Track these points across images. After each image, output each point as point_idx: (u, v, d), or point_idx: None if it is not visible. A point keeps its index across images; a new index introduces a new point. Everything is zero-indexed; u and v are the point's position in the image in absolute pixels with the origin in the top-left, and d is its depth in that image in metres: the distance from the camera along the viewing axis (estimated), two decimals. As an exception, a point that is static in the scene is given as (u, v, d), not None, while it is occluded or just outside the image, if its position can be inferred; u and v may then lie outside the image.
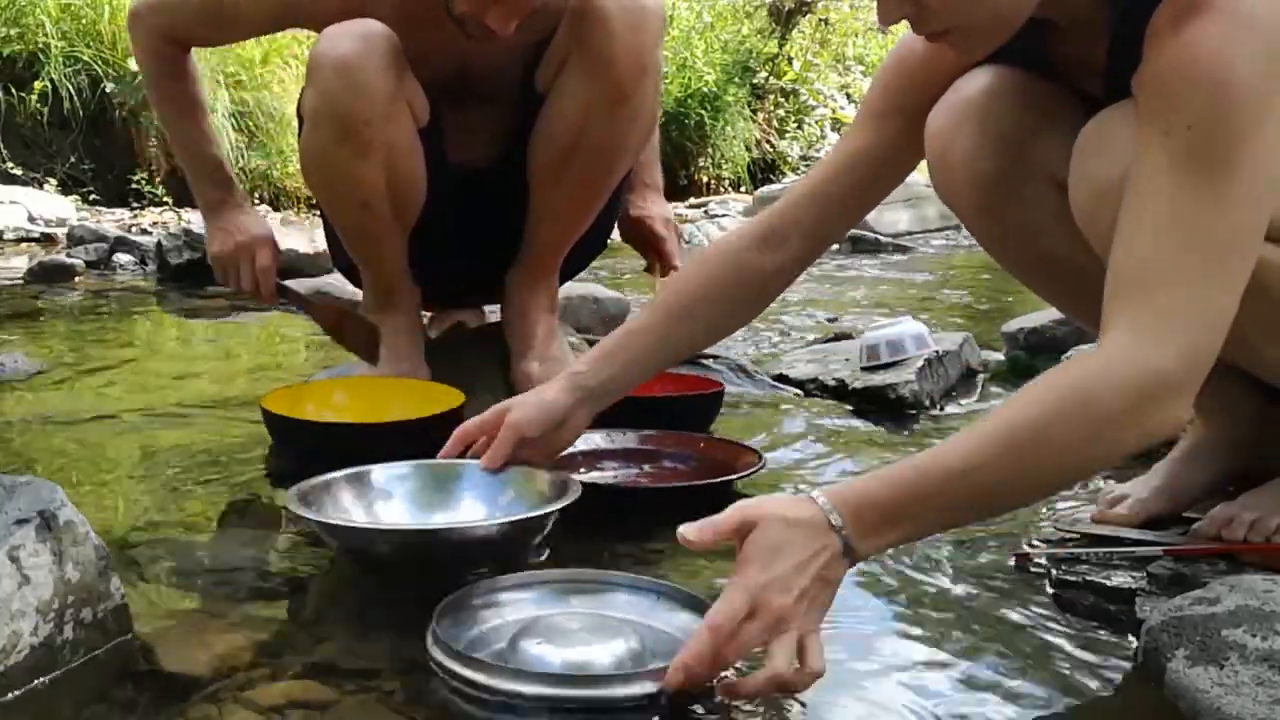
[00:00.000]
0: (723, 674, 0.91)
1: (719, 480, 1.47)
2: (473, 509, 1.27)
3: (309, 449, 1.55)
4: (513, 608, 1.06)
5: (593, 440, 1.59)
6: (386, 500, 1.28)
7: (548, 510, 1.19)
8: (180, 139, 1.94)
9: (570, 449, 1.50)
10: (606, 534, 1.32)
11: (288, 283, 2.02)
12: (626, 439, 1.62)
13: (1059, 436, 0.93)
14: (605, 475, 1.54)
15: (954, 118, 1.22)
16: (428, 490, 1.29)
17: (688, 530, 0.94)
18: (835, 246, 5.05)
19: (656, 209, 2.09)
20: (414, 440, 1.42)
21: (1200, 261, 0.94)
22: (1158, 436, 0.96)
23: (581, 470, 1.53)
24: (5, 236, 4.75)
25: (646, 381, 1.41)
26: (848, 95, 9.70)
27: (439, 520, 1.25)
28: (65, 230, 4.63)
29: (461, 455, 1.31)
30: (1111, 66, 1.09)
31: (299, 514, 1.15)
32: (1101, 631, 1.08)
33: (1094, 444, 0.94)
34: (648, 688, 0.89)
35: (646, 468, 1.58)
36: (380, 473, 1.29)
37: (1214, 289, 0.94)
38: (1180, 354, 0.93)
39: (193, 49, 1.89)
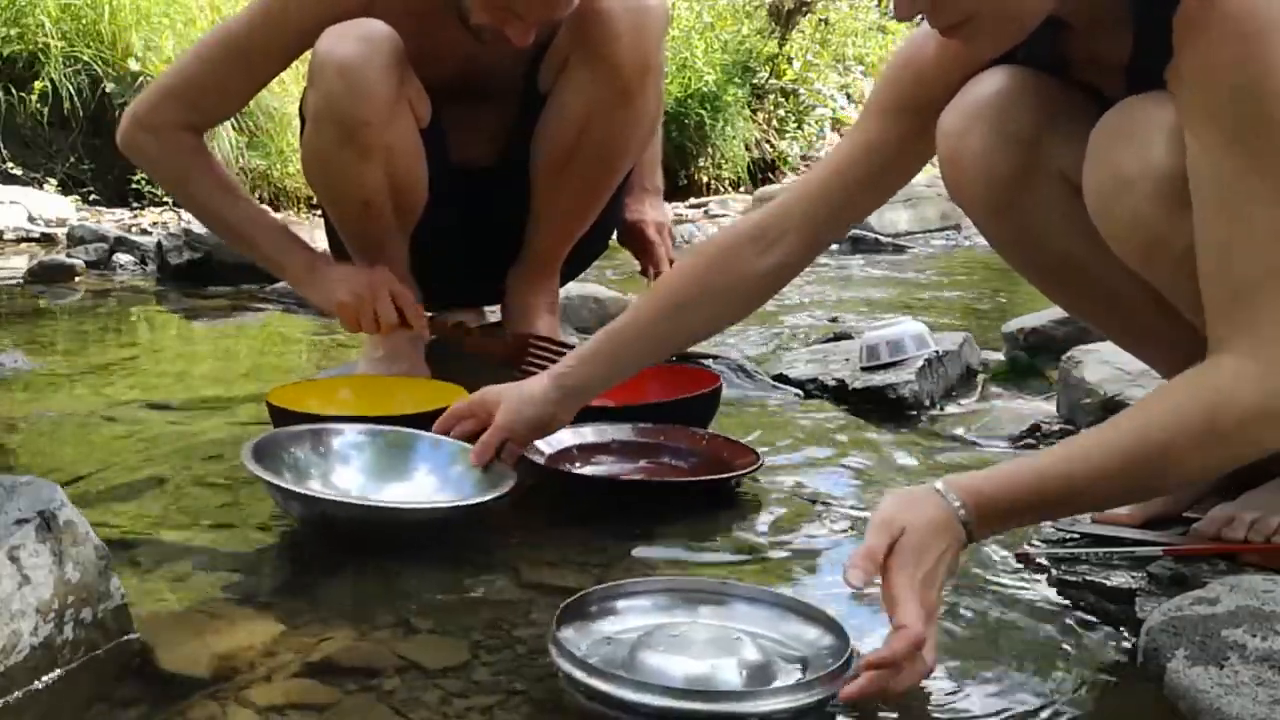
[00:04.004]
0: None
1: (718, 477, 1.47)
2: (424, 481, 1.37)
3: None
4: (632, 616, 1.04)
5: (588, 433, 1.59)
6: (344, 464, 1.38)
7: (487, 498, 1.27)
8: (238, 224, 1.77)
9: (569, 444, 1.51)
10: (603, 530, 1.32)
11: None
12: (626, 432, 1.62)
13: (1182, 455, 0.97)
14: (602, 470, 1.54)
15: (966, 118, 1.21)
16: (382, 458, 1.39)
17: (853, 579, 0.94)
18: (835, 246, 5.05)
19: (651, 213, 2.09)
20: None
21: None
22: (1272, 450, 1.01)
23: (577, 465, 1.53)
24: (5, 236, 4.75)
25: (640, 376, 1.42)
26: (848, 95, 9.69)
27: (390, 494, 1.36)
28: (65, 230, 4.62)
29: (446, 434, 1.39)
30: (1135, 61, 1.08)
31: (252, 470, 1.23)
32: (1101, 632, 1.08)
33: (1212, 460, 1.00)
34: (775, 704, 0.89)
35: (644, 462, 1.58)
36: (337, 438, 1.40)
37: None
38: None
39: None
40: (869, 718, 0.92)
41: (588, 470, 1.53)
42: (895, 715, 0.92)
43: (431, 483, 1.37)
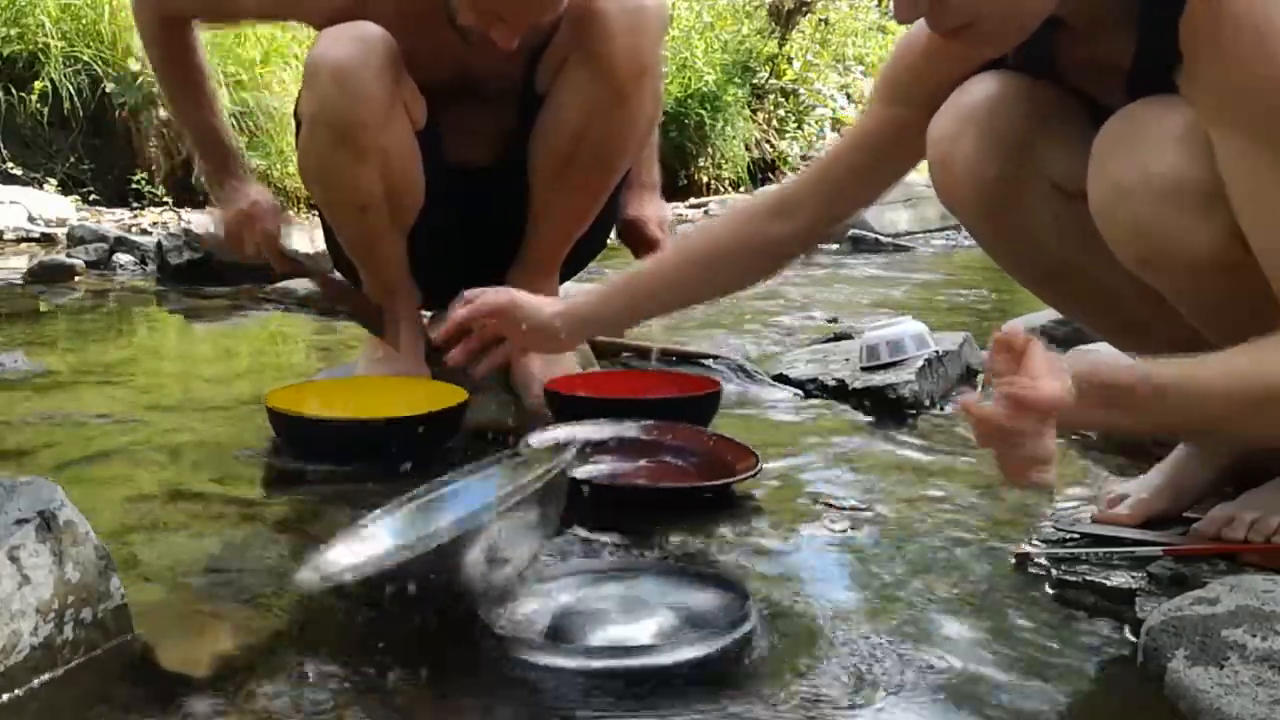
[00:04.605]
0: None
1: (718, 483, 1.47)
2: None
3: (316, 447, 1.57)
4: (554, 592, 1.11)
5: (590, 431, 1.59)
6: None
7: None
8: (183, 114, 1.95)
9: (570, 439, 1.51)
10: (603, 530, 1.32)
11: (296, 250, 2.03)
12: (628, 429, 1.62)
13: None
14: (603, 468, 1.54)
15: (956, 123, 1.22)
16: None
17: (988, 372, 0.91)
18: (835, 246, 5.05)
19: (651, 210, 2.09)
20: (417, 437, 1.43)
21: None
22: None
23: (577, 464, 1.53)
24: (5, 236, 4.75)
25: (641, 379, 1.42)
26: (848, 95, 9.69)
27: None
28: (65, 230, 4.62)
29: (456, 340, 1.45)
30: (1138, 62, 1.08)
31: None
32: (1101, 632, 1.08)
33: None
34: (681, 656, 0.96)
35: (644, 461, 1.58)
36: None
37: None
38: None
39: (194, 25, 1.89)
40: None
41: (587, 469, 1.53)
42: (892, 714, 0.92)
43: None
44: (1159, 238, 1.05)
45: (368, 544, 1.17)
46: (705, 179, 8.17)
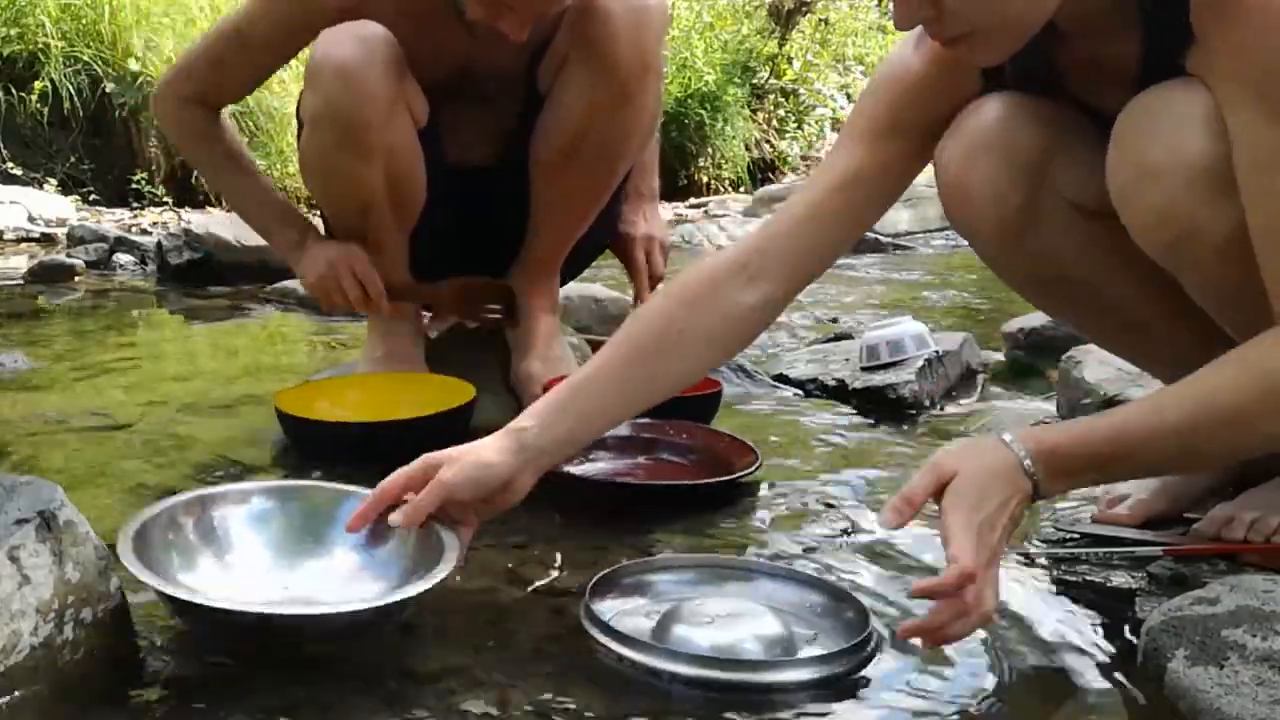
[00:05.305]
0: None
1: (715, 481, 1.47)
2: (344, 560, 1.10)
3: (329, 449, 1.57)
4: (662, 589, 1.12)
5: None
6: (245, 540, 1.11)
7: (411, 593, 1.00)
8: (240, 195, 1.89)
9: None
10: (603, 530, 1.32)
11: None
12: (623, 428, 1.61)
13: (1252, 419, 0.97)
14: (600, 466, 1.54)
15: (970, 148, 1.18)
16: (291, 534, 1.12)
17: (888, 519, 0.95)
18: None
19: (642, 228, 2.04)
20: (431, 436, 1.43)
21: None
22: None
23: (574, 462, 1.52)
24: (5, 236, 4.75)
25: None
26: (848, 95, 9.68)
27: (298, 580, 1.09)
28: (65, 230, 4.61)
29: (384, 515, 1.09)
30: (1146, 62, 1.07)
31: (132, 571, 0.97)
32: (1101, 632, 1.08)
33: (1277, 428, 0.98)
34: (800, 675, 0.95)
35: (642, 458, 1.57)
36: (236, 512, 1.12)
37: None
38: None
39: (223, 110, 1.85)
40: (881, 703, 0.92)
41: (585, 467, 1.53)
42: (892, 714, 0.92)
43: (351, 563, 1.10)
44: (1188, 220, 1.03)
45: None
46: (705, 179, 8.17)
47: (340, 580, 1.08)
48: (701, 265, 1.25)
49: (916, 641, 0.96)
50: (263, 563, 1.10)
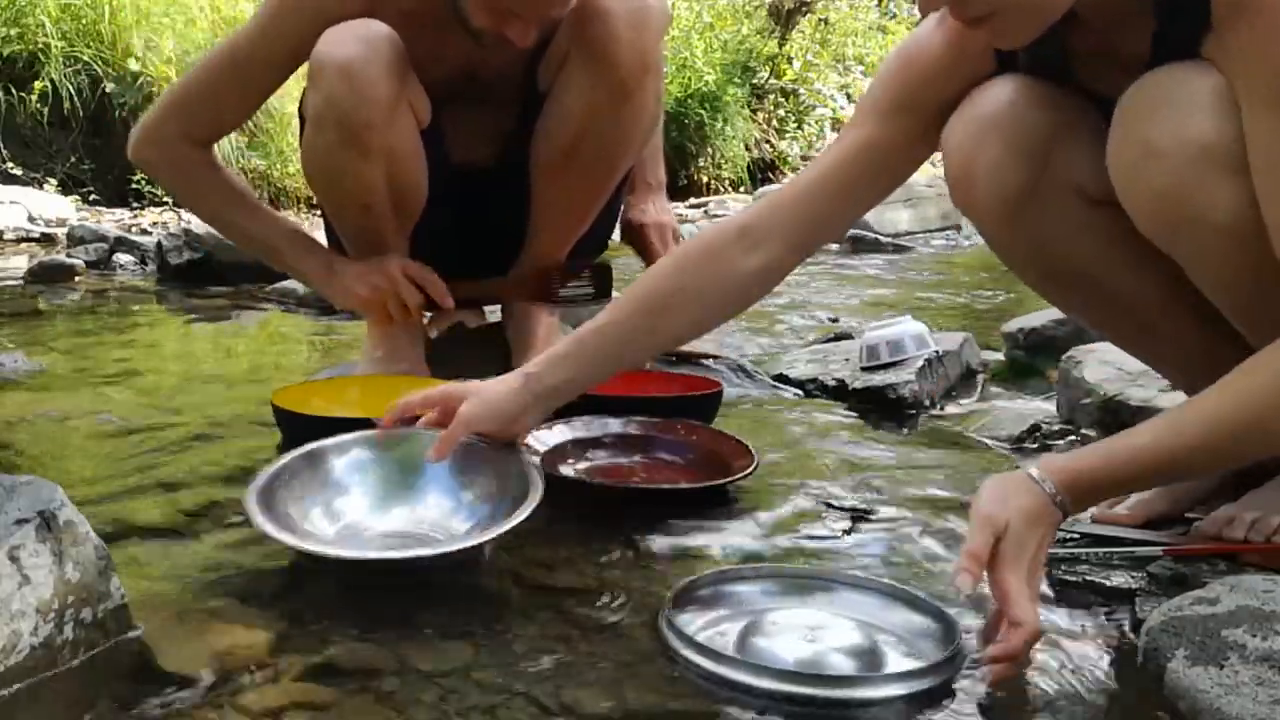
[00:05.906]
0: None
1: (713, 484, 1.47)
2: (438, 505, 1.27)
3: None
4: (743, 600, 1.10)
5: (581, 428, 1.59)
6: (345, 495, 1.28)
7: (508, 526, 1.17)
8: (248, 230, 1.86)
9: (564, 440, 1.52)
10: (602, 530, 1.32)
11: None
12: (621, 426, 1.62)
13: (1275, 423, 0.99)
14: (597, 465, 1.54)
15: (977, 130, 1.19)
16: (389, 482, 1.29)
17: (963, 584, 0.97)
18: (835, 246, 5.05)
19: (652, 215, 2.08)
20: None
21: None
22: None
23: (570, 461, 1.53)
24: (5, 236, 4.75)
25: (640, 381, 1.38)
26: (848, 95, 9.69)
27: (399, 521, 1.26)
28: (65, 230, 4.62)
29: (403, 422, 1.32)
30: (1158, 50, 1.07)
31: (263, 529, 1.15)
32: (1102, 632, 1.08)
33: None
34: (889, 690, 0.94)
35: (640, 457, 1.57)
36: (339, 461, 1.30)
37: None
38: None
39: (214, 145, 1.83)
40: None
41: (583, 466, 1.52)
42: (892, 714, 0.92)
43: (444, 507, 1.28)
44: (1190, 201, 1.03)
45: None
46: (705, 179, 8.18)
47: (442, 516, 1.26)
48: (709, 230, 1.33)
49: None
50: (361, 513, 1.26)
